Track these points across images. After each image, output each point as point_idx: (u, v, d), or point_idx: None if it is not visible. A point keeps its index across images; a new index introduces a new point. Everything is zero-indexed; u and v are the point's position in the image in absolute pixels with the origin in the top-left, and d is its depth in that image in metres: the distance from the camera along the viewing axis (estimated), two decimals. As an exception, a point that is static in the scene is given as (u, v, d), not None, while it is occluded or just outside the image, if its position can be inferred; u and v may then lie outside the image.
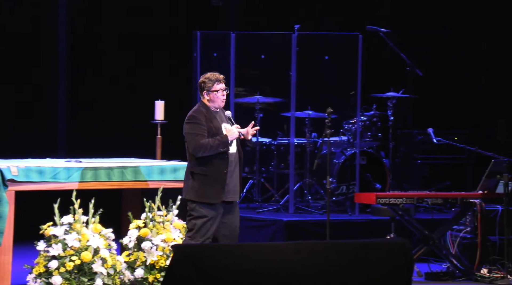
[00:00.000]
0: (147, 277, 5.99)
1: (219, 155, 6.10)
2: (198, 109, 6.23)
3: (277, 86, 9.27)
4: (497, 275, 7.23)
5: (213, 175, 6.08)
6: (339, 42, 8.92)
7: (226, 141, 6.11)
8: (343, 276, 5.21)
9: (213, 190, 6.06)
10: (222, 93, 6.21)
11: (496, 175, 7.36)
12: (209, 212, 6.04)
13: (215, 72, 6.25)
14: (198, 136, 6.10)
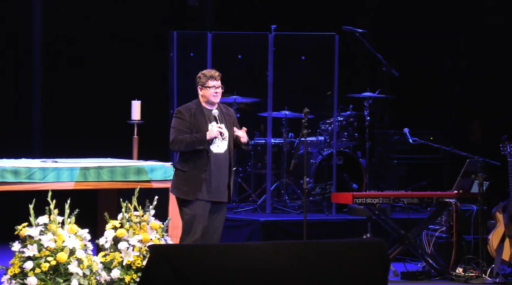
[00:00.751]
0: (123, 277, 5.96)
1: (200, 153, 6.11)
2: (187, 105, 6.28)
3: (254, 86, 9.27)
4: (472, 274, 7.29)
5: (192, 172, 6.11)
6: (315, 42, 8.95)
7: (203, 139, 6.12)
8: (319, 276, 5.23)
9: (189, 187, 6.10)
10: (215, 90, 6.22)
11: (471, 174, 7.42)
12: (193, 209, 6.08)
13: (213, 69, 6.31)
14: (177, 131, 6.16)
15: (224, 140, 6.23)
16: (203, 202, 6.15)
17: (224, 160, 6.20)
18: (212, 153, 6.16)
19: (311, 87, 9.23)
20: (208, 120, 6.20)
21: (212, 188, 6.14)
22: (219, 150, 6.20)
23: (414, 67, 9.65)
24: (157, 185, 6.46)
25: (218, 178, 6.17)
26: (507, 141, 7.44)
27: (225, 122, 6.28)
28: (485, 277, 7.24)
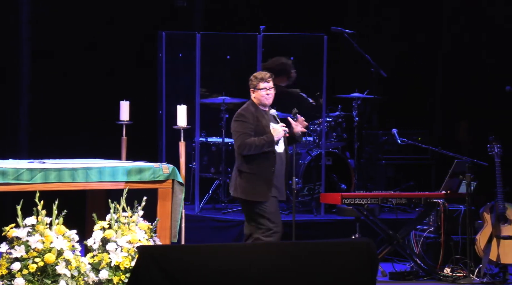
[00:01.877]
0: (111, 278, 5.96)
1: (265, 154, 6.22)
2: (247, 107, 6.38)
3: (243, 87, 9.25)
4: (459, 274, 7.32)
5: (260, 173, 6.22)
6: (304, 43, 8.95)
7: (271, 140, 6.22)
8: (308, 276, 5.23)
9: (260, 189, 6.20)
10: (266, 92, 6.30)
11: (459, 175, 7.45)
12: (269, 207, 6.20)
13: (264, 71, 6.43)
14: (244, 134, 6.24)
15: (282, 140, 6.33)
16: (276, 200, 6.28)
17: (283, 158, 6.31)
18: (277, 152, 6.26)
19: (300, 88, 9.24)
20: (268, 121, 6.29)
21: (277, 187, 6.26)
22: (279, 149, 6.32)
23: (403, 67, 9.67)
24: (146, 186, 6.45)
25: (280, 177, 6.30)
26: (494, 142, 7.48)
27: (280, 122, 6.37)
28: (472, 277, 7.27)
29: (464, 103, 9.49)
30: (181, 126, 6.89)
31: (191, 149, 8.95)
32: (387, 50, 9.56)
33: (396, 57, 9.59)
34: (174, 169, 6.51)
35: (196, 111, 8.75)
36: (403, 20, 9.78)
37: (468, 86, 9.48)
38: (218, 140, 9.09)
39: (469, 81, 9.49)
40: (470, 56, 9.49)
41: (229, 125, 9.07)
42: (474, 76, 9.46)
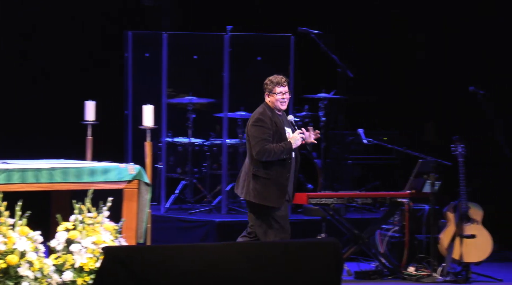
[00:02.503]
0: (75, 280, 5.92)
1: (282, 161, 6.18)
2: (264, 112, 6.27)
3: (210, 87, 9.27)
4: (423, 273, 7.39)
5: (276, 179, 6.17)
6: (271, 43, 8.97)
7: (290, 148, 6.19)
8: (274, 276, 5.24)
9: (275, 194, 6.16)
10: (282, 96, 6.25)
11: (423, 175, 7.52)
12: (281, 212, 6.17)
13: (280, 75, 6.33)
14: (263, 140, 6.15)
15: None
16: (286, 204, 6.26)
17: (294, 164, 6.30)
18: (292, 159, 6.25)
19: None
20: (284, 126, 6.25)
21: (289, 191, 6.25)
22: (292, 154, 6.29)
23: (369, 68, 9.73)
24: (111, 186, 6.41)
25: (292, 182, 6.29)
26: (458, 142, 7.56)
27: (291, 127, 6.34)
28: (436, 276, 7.34)
29: (429, 103, 9.57)
30: (147, 126, 6.86)
31: (157, 149, 8.93)
32: (354, 50, 9.61)
33: (363, 57, 9.65)
34: (140, 169, 6.48)
35: (163, 111, 8.73)
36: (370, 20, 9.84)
37: (433, 86, 9.57)
38: (185, 141, 9.08)
39: (434, 82, 9.58)
40: (435, 56, 9.58)
41: (195, 125, 9.11)
42: (439, 76, 9.55)
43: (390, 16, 9.75)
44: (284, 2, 9.78)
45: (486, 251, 7.42)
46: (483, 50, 9.42)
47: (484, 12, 9.39)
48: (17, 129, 9.03)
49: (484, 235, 7.45)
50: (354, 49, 9.68)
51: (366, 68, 9.60)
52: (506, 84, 9.30)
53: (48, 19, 9.19)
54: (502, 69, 9.36)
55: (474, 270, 7.47)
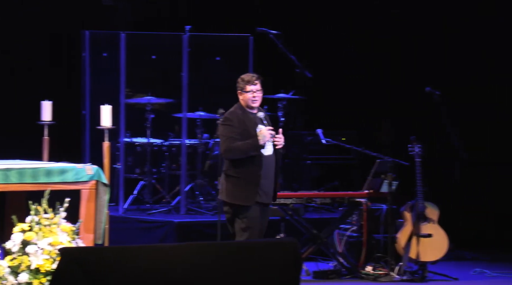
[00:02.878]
0: (31, 282, 5.85)
1: (252, 158, 6.10)
2: (233, 111, 6.24)
3: (168, 87, 9.24)
4: (381, 273, 7.45)
5: (246, 177, 6.10)
6: (230, 43, 8.98)
7: (256, 144, 6.11)
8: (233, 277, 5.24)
9: (244, 193, 6.10)
10: (253, 94, 6.22)
11: (381, 174, 7.58)
12: (251, 212, 6.10)
13: (251, 73, 6.33)
14: (229, 139, 6.11)
15: (269, 142, 6.21)
16: (258, 204, 6.17)
17: (272, 161, 6.21)
18: (264, 155, 6.17)
19: (226, 88, 9.24)
20: (255, 124, 6.19)
21: (264, 191, 6.17)
22: (268, 152, 6.21)
23: (327, 68, 9.79)
24: (69, 187, 6.35)
25: (268, 180, 6.19)
26: (415, 142, 7.64)
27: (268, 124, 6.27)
28: (393, 275, 7.41)
29: (386, 103, 9.66)
30: (105, 126, 6.82)
31: (115, 150, 8.87)
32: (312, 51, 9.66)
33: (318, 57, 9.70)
34: (98, 170, 6.43)
35: (121, 111, 8.68)
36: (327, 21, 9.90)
37: (390, 86, 9.65)
38: (143, 141, 9.04)
39: (391, 82, 9.66)
40: (392, 56, 9.67)
41: (154, 125, 9.07)
42: (396, 76, 9.64)
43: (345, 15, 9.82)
44: (243, 2, 9.79)
45: (442, 250, 7.51)
46: (439, 50, 9.54)
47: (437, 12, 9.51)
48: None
49: (440, 234, 7.54)
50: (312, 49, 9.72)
51: (324, 69, 9.65)
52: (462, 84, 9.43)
53: (3, 17, 9.07)
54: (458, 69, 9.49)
55: (431, 269, 7.55)
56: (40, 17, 9.21)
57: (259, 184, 6.13)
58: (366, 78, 9.83)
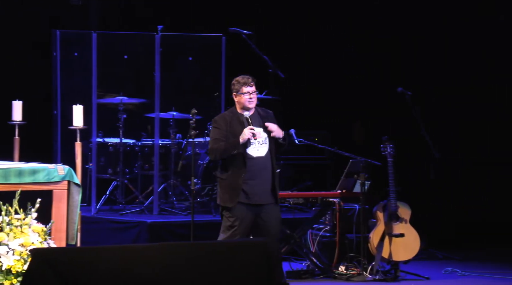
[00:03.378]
0: (2, 282, 5.80)
1: (237, 160, 6.20)
2: (224, 113, 6.43)
3: (141, 87, 9.20)
4: (353, 272, 7.47)
5: (231, 179, 6.23)
6: (202, 43, 8.96)
7: (236, 143, 6.18)
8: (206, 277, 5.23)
9: (229, 194, 6.23)
10: (250, 96, 6.28)
11: (354, 174, 7.60)
12: (234, 213, 6.21)
13: (246, 75, 6.34)
14: (214, 140, 6.26)
15: (264, 144, 6.28)
16: (244, 206, 6.25)
17: (265, 162, 6.27)
18: (252, 157, 6.24)
19: (199, 88, 9.24)
20: (244, 126, 6.26)
21: (253, 192, 6.23)
22: (260, 153, 6.28)
23: (300, 69, 9.81)
24: (40, 187, 6.30)
25: (260, 181, 6.25)
26: (387, 142, 7.68)
27: (262, 125, 6.30)
28: (366, 275, 7.43)
29: (359, 104, 9.70)
30: (77, 126, 6.77)
31: (88, 150, 8.82)
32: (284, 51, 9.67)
33: (294, 58, 9.72)
34: (70, 170, 6.39)
35: (93, 111, 8.63)
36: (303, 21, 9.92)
37: (362, 86, 9.70)
38: (116, 141, 8.99)
39: (363, 82, 9.71)
40: (364, 57, 9.71)
41: (127, 125, 9.02)
42: (367, 77, 9.68)
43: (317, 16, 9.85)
44: (216, 2, 9.78)
45: (414, 249, 7.55)
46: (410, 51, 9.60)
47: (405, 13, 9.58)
48: None
49: (412, 233, 7.58)
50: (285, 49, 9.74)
51: (297, 69, 9.67)
52: (434, 84, 9.50)
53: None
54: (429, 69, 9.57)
55: (403, 269, 7.59)
56: (10, 17, 9.12)
57: (243, 185, 6.21)
58: (337, 78, 9.86)
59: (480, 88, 9.51)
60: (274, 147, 6.41)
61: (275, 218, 6.35)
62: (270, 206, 6.33)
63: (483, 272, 7.85)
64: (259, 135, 6.29)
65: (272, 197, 6.33)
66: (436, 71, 9.58)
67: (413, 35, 9.57)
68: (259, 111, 6.42)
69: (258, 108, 6.44)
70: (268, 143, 6.33)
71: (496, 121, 9.47)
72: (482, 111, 9.47)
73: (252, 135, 6.22)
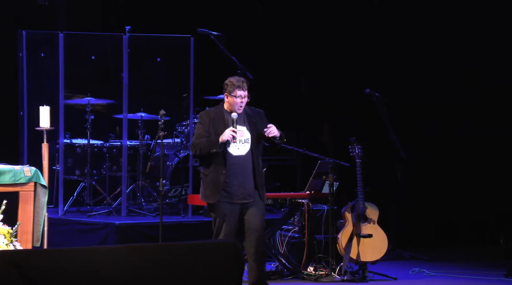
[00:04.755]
0: (-33, 286, 5.72)
1: (217, 157, 6.21)
2: (209, 109, 6.44)
3: (108, 87, 9.15)
4: (322, 273, 7.50)
5: (211, 176, 6.24)
6: (171, 44, 8.94)
7: (215, 142, 6.19)
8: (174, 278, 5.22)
9: (210, 191, 6.24)
10: (241, 100, 6.29)
11: (322, 175, 7.63)
12: (217, 212, 6.23)
13: (241, 78, 6.34)
14: (196, 135, 6.29)
15: (246, 143, 6.26)
16: (227, 204, 6.25)
17: (245, 161, 6.25)
18: (232, 155, 6.24)
19: (167, 89, 9.21)
20: (227, 125, 6.25)
21: (233, 190, 6.24)
22: (240, 152, 6.27)
23: (269, 69, 9.82)
24: (6, 189, 6.24)
25: (240, 180, 6.24)
26: (356, 143, 7.72)
27: (248, 125, 6.29)
28: (334, 275, 7.46)
29: (327, 105, 9.74)
30: (44, 127, 6.72)
31: (55, 151, 8.75)
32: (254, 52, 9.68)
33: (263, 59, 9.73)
34: (36, 171, 6.34)
35: (60, 112, 8.56)
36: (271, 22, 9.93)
37: (330, 88, 9.74)
38: (83, 142, 8.93)
39: (331, 84, 9.75)
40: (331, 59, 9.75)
41: (94, 126, 8.96)
42: (336, 78, 9.73)
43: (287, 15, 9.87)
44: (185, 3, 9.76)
45: (382, 250, 7.60)
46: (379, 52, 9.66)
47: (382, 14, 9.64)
48: None
49: (380, 234, 7.62)
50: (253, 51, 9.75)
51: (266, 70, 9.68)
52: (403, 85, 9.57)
53: None
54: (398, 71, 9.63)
55: (371, 269, 7.63)
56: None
57: (222, 184, 6.22)
58: (309, 79, 9.89)
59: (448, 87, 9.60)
60: (262, 146, 6.42)
61: (258, 215, 6.34)
62: (253, 203, 6.33)
63: (450, 272, 7.93)
64: (241, 135, 6.29)
65: (255, 194, 6.33)
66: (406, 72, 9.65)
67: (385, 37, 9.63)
68: (246, 110, 6.40)
69: (246, 107, 6.42)
70: (251, 142, 6.33)
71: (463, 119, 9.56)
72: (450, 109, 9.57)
73: (232, 138, 6.23)
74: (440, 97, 9.58)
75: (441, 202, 9.58)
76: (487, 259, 8.59)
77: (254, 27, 9.90)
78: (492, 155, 9.47)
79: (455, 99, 9.54)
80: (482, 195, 9.46)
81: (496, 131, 9.43)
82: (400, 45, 9.59)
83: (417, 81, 9.58)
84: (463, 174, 9.55)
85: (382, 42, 9.64)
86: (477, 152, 9.53)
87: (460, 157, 9.58)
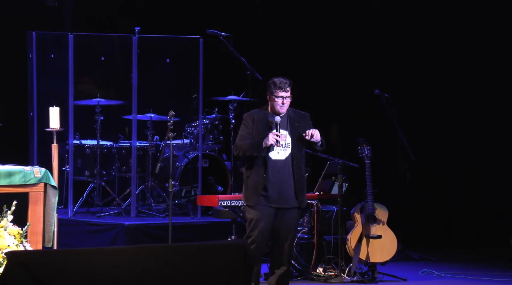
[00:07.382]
0: (-23, 286, 5.74)
1: (258, 160, 6.22)
2: (253, 110, 6.39)
3: (118, 88, 9.17)
4: (331, 274, 7.49)
5: (252, 178, 6.26)
6: (180, 45, 8.95)
7: (258, 145, 6.20)
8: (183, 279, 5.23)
9: (250, 193, 6.27)
10: (283, 100, 6.26)
11: (331, 176, 7.63)
12: (253, 213, 6.24)
13: (284, 79, 6.30)
14: (240, 136, 6.29)
15: (287, 148, 6.27)
16: (264, 207, 6.26)
17: (284, 166, 6.25)
18: (271, 159, 6.24)
19: (176, 90, 9.23)
20: (270, 128, 6.25)
21: (272, 195, 6.24)
22: (279, 156, 6.27)
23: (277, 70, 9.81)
24: (16, 190, 6.26)
25: (279, 185, 6.24)
26: (365, 144, 7.71)
27: (291, 129, 6.27)
28: (343, 276, 7.46)
29: (335, 106, 9.73)
30: (53, 128, 6.74)
31: (64, 152, 8.78)
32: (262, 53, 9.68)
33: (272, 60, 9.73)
34: (46, 172, 6.35)
35: (70, 113, 8.59)
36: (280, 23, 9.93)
37: (339, 89, 9.73)
38: (93, 143, 8.96)
39: (341, 83, 9.74)
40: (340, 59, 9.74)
41: (104, 127, 8.99)
42: (344, 79, 9.71)
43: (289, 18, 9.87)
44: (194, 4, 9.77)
45: (391, 251, 7.59)
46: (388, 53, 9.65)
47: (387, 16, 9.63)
48: None
49: (390, 235, 7.61)
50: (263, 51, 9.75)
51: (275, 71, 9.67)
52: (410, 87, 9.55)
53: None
54: (407, 72, 9.62)
55: (380, 270, 7.63)
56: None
57: (262, 187, 6.24)
58: (317, 80, 9.89)
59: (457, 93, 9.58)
60: (303, 151, 6.39)
61: (289, 223, 6.33)
62: (289, 211, 6.32)
63: (460, 273, 7.91)
64: (283, 139, 6.27)
65: (293, 201, 6.31)
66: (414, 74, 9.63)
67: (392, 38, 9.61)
68: (289, 114, 6.37)
69: (290, 110, 6.39)
70: (291, 147, 6.30)
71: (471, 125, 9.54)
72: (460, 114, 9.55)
73: (275, 142, 6.21)
74: (446, 98, 9.56)
75: (450, 203, 9.55)
76: (497, 261, 8.57)
77: (256, 28, 9.90)
78: (504, 156, 9.44)
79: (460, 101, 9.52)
80: (492, 197, 9.43)
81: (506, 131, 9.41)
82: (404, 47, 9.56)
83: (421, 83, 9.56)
84: (473, 175, 9.52)
85: (387, 43, 9.62)
86: (489, 152, 9.50)
87: (471, 158, 9.56)
